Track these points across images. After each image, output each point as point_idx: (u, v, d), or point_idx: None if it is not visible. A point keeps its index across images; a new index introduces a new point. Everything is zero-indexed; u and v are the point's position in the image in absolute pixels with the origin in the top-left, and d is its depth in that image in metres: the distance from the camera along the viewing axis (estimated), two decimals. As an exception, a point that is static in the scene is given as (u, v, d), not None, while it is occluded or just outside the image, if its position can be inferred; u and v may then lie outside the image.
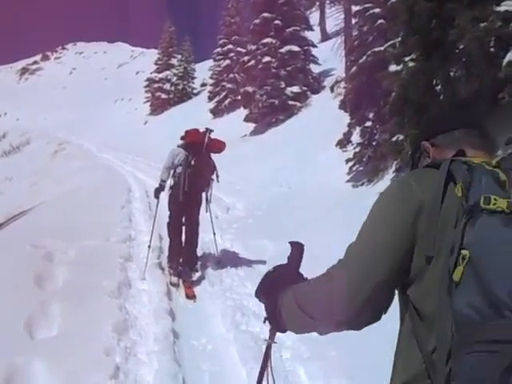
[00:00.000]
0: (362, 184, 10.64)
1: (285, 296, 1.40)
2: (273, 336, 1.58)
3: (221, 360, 3.89)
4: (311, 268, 3.54)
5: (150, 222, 7.42)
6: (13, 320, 3.93)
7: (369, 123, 11.55)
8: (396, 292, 1.26)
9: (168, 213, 6.31)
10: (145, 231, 7.65)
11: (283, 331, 1.49)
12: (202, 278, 6.00)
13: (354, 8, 13.81)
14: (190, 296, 5.47)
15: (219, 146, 6.10)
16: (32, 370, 3.29)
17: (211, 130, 6.00)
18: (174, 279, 5.84)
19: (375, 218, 1.27)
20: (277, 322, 1.46)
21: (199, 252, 6.57)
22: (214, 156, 6.26)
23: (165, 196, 6.41)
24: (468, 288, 1.00)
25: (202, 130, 6.07)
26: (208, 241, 7.00)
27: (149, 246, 6.21)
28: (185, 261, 6.09)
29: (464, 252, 1.02)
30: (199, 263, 6.34)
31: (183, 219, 6.22)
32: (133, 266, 6.01)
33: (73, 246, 6.25)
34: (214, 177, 6.23)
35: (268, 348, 1.61)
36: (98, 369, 3.37)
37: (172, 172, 6.01)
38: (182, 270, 5.98)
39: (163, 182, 6.07)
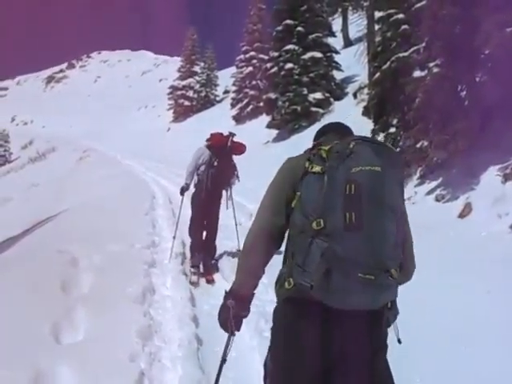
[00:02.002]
0: (386, 191, 10.56)
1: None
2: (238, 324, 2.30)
3: (245, 367, 3.88)
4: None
5: (173, 228, 7.50)
6: (39, 325, 3.97)
7: (393, 129, 11.48)
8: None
9: (190, 214, 6.73)
10: (168, 237, 7.69)
11: (245, 309, 2.30)
12: (225, 285, 6.00)
13: (377, 14, 13.76)
14: (210, 281, 6.13)
15: (241, 149, 6.53)
16: (58, 374, 3.32)
17: (234, 134, 6.46)
18: (194, 278, 6.20)
19: (272, 182, 2.22)
20: (241, 303, 2.25)
21: (224, 260, 6.84)
22: (236, 159, 6.69)
23: (187, 200, 6.89)
24: (297, 210, 1.98)
25: (225, 133, 6.56)
26: (232, 247, 7.02)
27: (174, 237, 6.92)
28: (206, 251, 6.54)
29: (298, 193, 2.00)
30: (224, 272, 6.37)
31: (204, 218, 6.64)
32: (157, 272, 6.04)
33: (98, 252, 6.31)
34: (234, 177, 6.70)
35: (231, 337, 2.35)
36: (122, 374, 3.38)
37: (196, 171, 6.49)
38: (203, 259, 6.46)
39: (187, 184, 6.55)
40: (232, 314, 2.22)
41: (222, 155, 6.35)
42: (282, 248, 2.19)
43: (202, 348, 4.18)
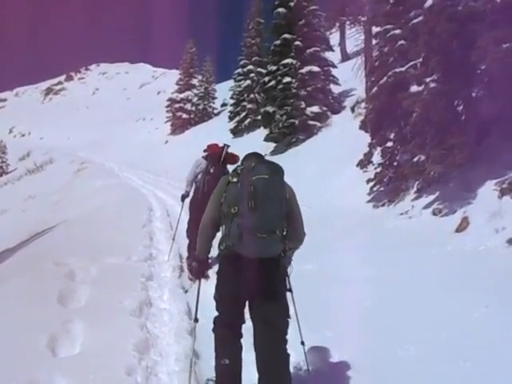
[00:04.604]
0: (383, 205, 10.57)
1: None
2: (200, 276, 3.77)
3: (241, 380, 3.86)
4: (328, 286, 3.50)
5: (170, 241, 7.48)
6: (35, 337, 3.96)
7: (390, 144, 11.51)
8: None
9: (188, 218, 7.27)
10: (165, 250, 7.68)
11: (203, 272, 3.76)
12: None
13: (375, 29, 13.86)
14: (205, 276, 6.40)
15: (234, 159, 7.10)
16: (54, 387, 3.30)
17: (228, 146, 7.19)
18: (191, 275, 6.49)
19: (214, 191, 3.44)
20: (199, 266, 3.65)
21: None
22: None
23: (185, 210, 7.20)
24: (225, 203, 3.28)
25: (220, 144, 7.28)
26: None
27: (173, 239, 7.77)
28: None
29: (224, 194, 3.31)
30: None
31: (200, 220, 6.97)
32: (154, 285, 6.03)
33: (95, 265, 6.29)
34: None
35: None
36: (119, 388, 3.37)
37: (194, 179, 7.23)
38: None
39: (187, 191, 7.38)
40: (196, 270, 3.72)
41: (217, 163, 7.04)
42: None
43: (199, 362, 4.15)
